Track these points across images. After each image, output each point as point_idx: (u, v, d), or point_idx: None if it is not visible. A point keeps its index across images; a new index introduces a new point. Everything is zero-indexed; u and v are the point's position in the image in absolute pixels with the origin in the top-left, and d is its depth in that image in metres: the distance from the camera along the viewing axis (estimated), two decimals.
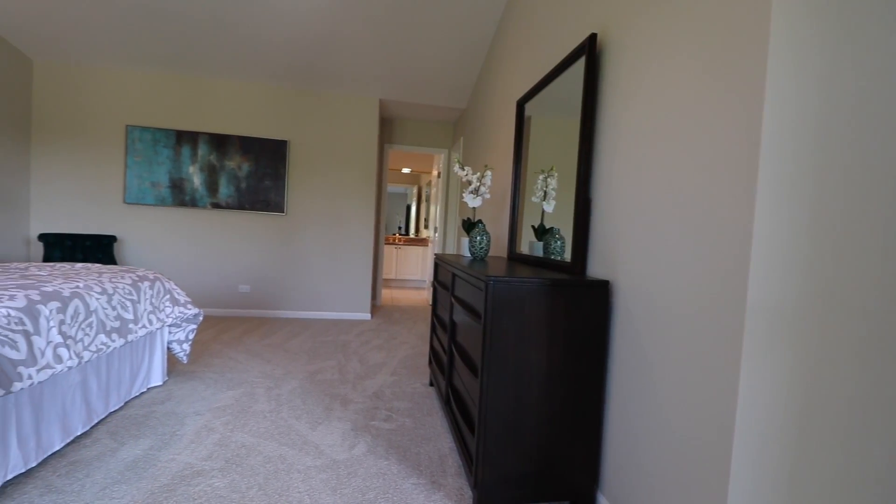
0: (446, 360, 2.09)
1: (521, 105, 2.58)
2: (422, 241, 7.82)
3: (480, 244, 2.34)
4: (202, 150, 4.15)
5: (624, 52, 1.55)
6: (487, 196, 2.56)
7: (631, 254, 1.42)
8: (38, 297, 1.53)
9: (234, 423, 2.01)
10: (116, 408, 2.06)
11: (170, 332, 2.45)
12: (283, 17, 3.29)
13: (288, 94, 4.33)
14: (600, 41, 1.73)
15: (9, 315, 1.39)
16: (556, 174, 2.21)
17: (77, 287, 1.74)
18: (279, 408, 2.22)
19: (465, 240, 2.56)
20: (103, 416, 1.96)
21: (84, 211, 4.05)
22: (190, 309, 2.42)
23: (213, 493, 1.50)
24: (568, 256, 1.86)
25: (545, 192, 2.26)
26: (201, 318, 2.54)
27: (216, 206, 4.20)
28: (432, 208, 6.36)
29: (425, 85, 4.25)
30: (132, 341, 2.03)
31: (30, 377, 1.41)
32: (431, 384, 2.67)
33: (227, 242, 4.30)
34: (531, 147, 2.51)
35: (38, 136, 3.97)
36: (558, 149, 2.25)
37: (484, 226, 2.38)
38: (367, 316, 4.57)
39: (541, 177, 2.30)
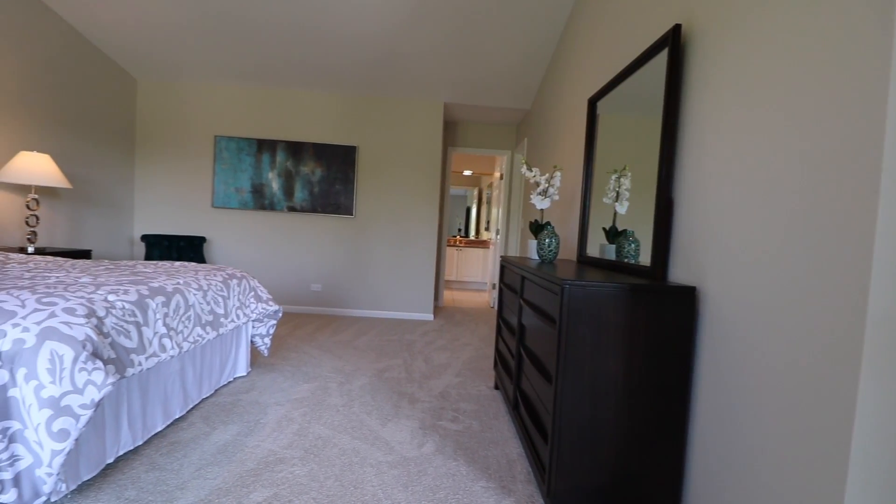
0: (514, 364, 2.07)
1: (592, 103, 2.50)
2: (482, 244, 7.81)
3: (549, 247, 2.29)
4: (280, 157, 4.42)
5: (715, 44, 1.45)
6: (556, 197, 2.51)
7: (722, 258, 1.33)
8: (146, 292, 1.70)
9: (310, 415, 2.12)
10: (208, 395, 2.24)
11: (253, 327, 2.63)
12: (353, 29, 3.43)
13: (357, 101, 4.51)
14: (685, 32, 1.64)
15: (124, 307, 1.56)
16: (629, 174, 2.12)
17: (178, 283, 1.92)
18: (351, 403, 2.31)
19: (533, 242, 2.52)
20: (197, 402, 2.14)
21: (178, 214, 4.47)
22: (271, 306, 2.59)
23: (294, 481, 1.58)
24: (644, 260, 1.78)
25: (617, 193, 2.18)
26: (280, 315, 2.70)
27: (292, 209, 4.46)
28: (494, 210, 6.33)
29: (490, 87, 4.24)
30: (222, 334, 2.20)
31: (140, 364, 1.57)
32: (496, 387, 2.65)
33: (301, 243, 4.55)
34: (602, 146, 2.42)
35: (140, 148, 4.43)
36: (631, 148, 2.16)
37: (553, 228, 2.33)
38: (430, 317, 4.64)
39: (613, 177, 2.21)
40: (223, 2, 3.20)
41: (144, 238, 4.19)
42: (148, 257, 4.18)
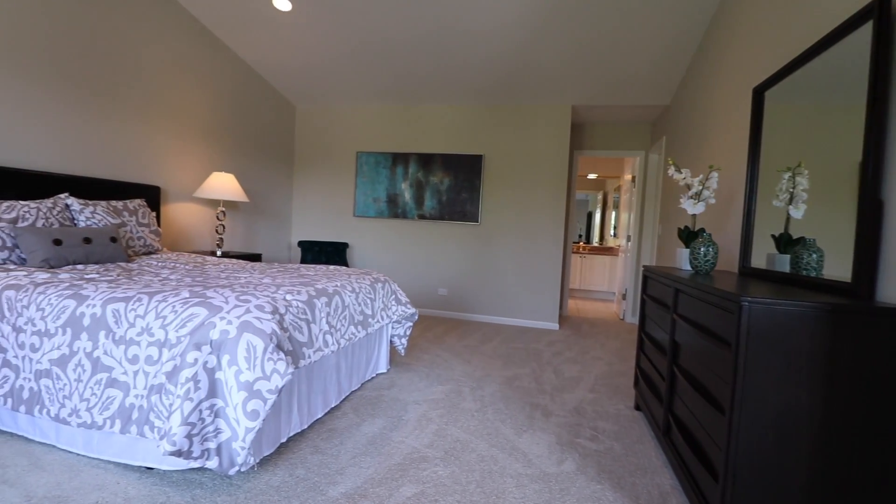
0: (665, 385, 1.89)
1: (758, 93, 2.19)
2: (609, 250, 7.36)
3: (705, 256, 2.05)
4: (412, 168, 4.70)
5: None
6: (712, 201, 2.25)
7: None
8: (314, 293, 1.92)
9: (447, 417, 2.19)
10: (355, 388, 2.45)
11: (392, 328, 2.82)
12: (485, 43, 3.50)
13: (483, 110, 4.59)
14: None
15: (298, 306, 1.77)
16: (805, 172, 1.81)
17: (336, 285, 2.14)
18: (484, 408, 2.33)
19: (682, 251, 2.29)
20: (347, 394, 2.35)
21: (326, 222, 5.01)
22: (409, 308, 2.74)
23: (438, 481, 1.64)
24: (833, 273, 1.50)
25: (791, 195, 1.87)
26: (416, 317, 2.85)
27: (422, 217, 4.70)
28: (623, 215, 5.92)
29: (622, 85, 3.99)
30: (370, 333, 2.39)
31: (309, 357, 1.77)
32: (637, 408, 2.45)
33: (429, 249, 4.77)
34: (769, 141, 2.11)
35: (298, 166, 5.08)
36: (808, 142, 1.84)
37: (709, 235, 2.09)
38: (555, 326, 4.50)
39: (786, 175, 1.91)
40: (367, 32, 3.52)
41: (300, 244, 4.79)
42: (303, 260, 4.75)
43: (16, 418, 1.78)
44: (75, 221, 2.56)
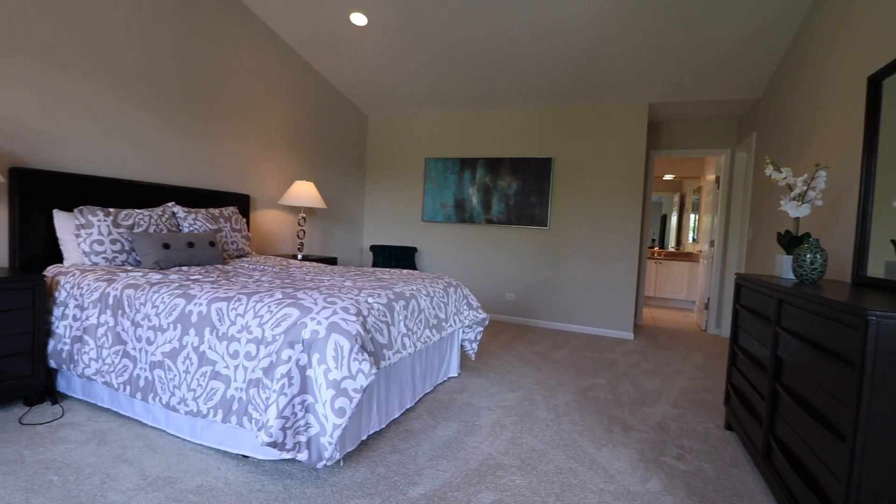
0: (765, 404, 1.73)
1: (874, 82, 1.96)
2: (687, 256, 6.90)
3: (812, 264, 1.86)
4: (479, 173, 4.71)
5: None
6: (818, 203, 2.04)
7: None
8: (392, 296, 1.98)
9: (521, 425, 2.15)
10: (428, 391, 2.49)
11: (463, 332, 2.83)
12: (555, 45, 3.44)
13: (552, 113, 4.50)
14: None
15: (379, 309, 1.83)
16: None
17: (412, 289, 2.19)
18: (559, 418, 2.26)
19: (783, 257, 2.10)
20: (421, 396, 2.39)
21: (395, 227, 5.16)
22: (480, 313, 2.74)
23: (516, 490, 1.62)
24: None
25: None
26: (487, 322, 2.84)
27: (489, 221, 4.69)
28: (704, 218, 5.53)
29: (706, 79, 3.73)
30: (443, 337, 2.41)
31: (389, 358, 1.82)
32: (728, 427, 2.27)
33: (496, 254, 4.74)
34: (888, 136, 1.87)
35: (369, 173, 5.28)
36: None
37: (817, 241, 1.89)
38: (630, 335, 4.28)
39: None
40: (438, 39, 3.58)
41: (372, 248, 4.96)
42: (374, 264, 4.92)
43: (133, 404, 2.00)
44: (180, 227, 2.83)
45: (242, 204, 3.54)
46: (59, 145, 2.48)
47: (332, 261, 4.04)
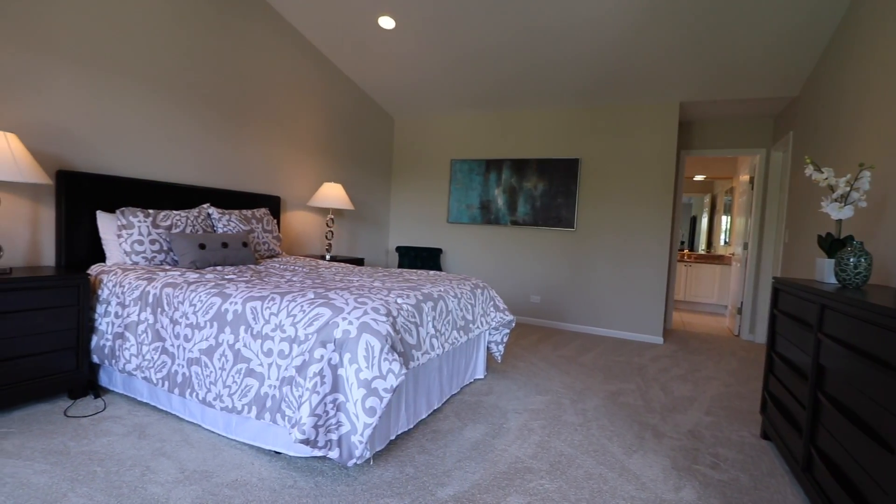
0: (806, 414, 1.66)
1: None
2: (719, 259, 6.71)
3: (856, 268, 1.79)
4: (505, 174, 4.70)
5: None
6: (862, 204, 1.96)
7: None
8: (420, 297, 1.99)
9: (549, 429, 2.13)
10: (455, 392, 2.49)
11: (489, 334, 2.83)
12: (577, 34, 3.39)
13: (580, 113, 4.45)
14: None
15: (408, 310, 1.85)
16: None
17: (440, 290, 2.20)
18: (587, 423, 2.23)
19: (824, 261, 2.02)
20: (448, 397, 2.40)
21: (421, 229, 5.19)
22: (507, 315, 2.73)
23: (545, 495, 1.60)
24: None
25: None
26: (513, 324, 2.82)
27: (515, 223, 4.67)
28: (737, 220, 5.36)
29: (739, 77, 3.62)
30: (470, 338, 2.42)
31: (417, 359, 1.83)
32: (765, 436, 2.19)
33: (522, 256, 4.71)
34: None
35: (395, 174, 5.32)
36: None
37: (861, 244, 1.81)
38: (659, 339, 4.19)
39: None
40: (465, 40, 3.59)
41: (398, 249, 5.00)
42: (399, 265, 4.96)
43: (171, 399, 2.07)
44: (215, 228, 2.92)
45: (273, 205, 3.63)
46: (103, 149, 2.59)
47: (359, 261, 4.09)
